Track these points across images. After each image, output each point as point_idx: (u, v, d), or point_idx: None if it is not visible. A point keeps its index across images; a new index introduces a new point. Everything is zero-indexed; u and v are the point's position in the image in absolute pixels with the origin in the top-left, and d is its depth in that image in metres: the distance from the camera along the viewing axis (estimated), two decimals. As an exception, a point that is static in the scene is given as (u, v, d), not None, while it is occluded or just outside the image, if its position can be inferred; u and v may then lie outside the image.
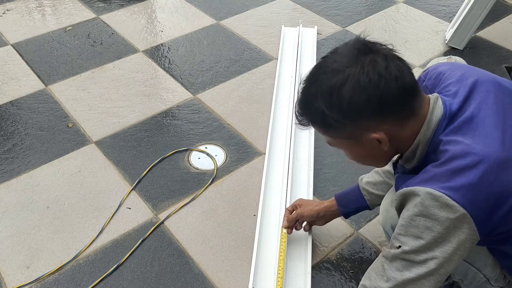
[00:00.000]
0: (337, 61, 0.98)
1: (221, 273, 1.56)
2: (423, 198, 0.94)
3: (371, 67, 0.95)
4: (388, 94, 0.95)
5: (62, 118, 2.16)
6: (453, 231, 0.94)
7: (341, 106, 0.97)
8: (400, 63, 0.98)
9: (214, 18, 2.87)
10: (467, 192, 0.92)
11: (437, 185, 0.93)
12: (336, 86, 0.96)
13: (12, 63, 2.50)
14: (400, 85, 0.96)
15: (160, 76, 2.42)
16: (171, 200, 1.80)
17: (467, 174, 0.92)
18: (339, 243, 1.66)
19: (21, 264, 1.58)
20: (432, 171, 0.97)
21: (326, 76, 0.98)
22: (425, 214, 0.94)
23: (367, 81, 0.94)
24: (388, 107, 0.97)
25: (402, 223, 0.98)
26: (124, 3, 3.00)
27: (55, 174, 1.89)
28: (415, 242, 0.96)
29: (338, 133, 1.04)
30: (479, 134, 0.96)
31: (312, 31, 2.67)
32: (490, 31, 2.80)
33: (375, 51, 0.97)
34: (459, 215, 0.92)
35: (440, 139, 1.00)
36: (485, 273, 1.19)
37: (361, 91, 0.95)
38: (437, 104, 1.02)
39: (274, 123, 2.08)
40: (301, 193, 1.78)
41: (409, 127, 1.01)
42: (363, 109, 0.96)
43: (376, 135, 0.99)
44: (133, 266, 1.58)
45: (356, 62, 0.96)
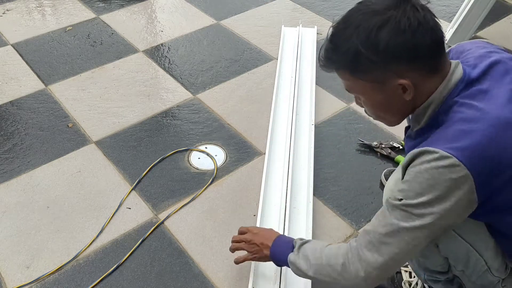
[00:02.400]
0: (378, 3, 1.01)
1: (221, 273, 1.56)
2: (430, 157, 0.97)
3: (412, 13, 0.98)
4: (423, 42, 0.98)
5: (62, 118, 2.16)
6: (453, 190, 0.97)
7: (377, 46, 0.99)
8: (435, 18, 1.01)
9: (214, 18, 2.87)
10: (473, 153, 0.95)
11: (444, 145, 0.97)
12: (376, 25, 0.98)
13: (12, 63, 2.50)
14: (434, 37, 0.99)
15: (160, 76, 2.42)
16: (171, 200, 1.80)
17: (475, 136, 0.96)
18: (339, 243, 1.66)
19: (21, 264, 1.58)
20: (443, 132, 1.00)
21: (365, 17, 1.00)
22: (429, 172, 0.97)
23: (407, 25, 0.97)
24: (421, 55, 1.00)
25: (407, 178, 1.01)
26: (124, 3, 3.00)
27: (55, 174, 1.90)
28: (416, 198, 0.99)
29: (366, 75, 1.05)
30: (492, 103, 1.00)
31: (312, 31, 2.67)
32: (490, 31, 2.80)
33: (414, 2, 1.00)
34: (462, 175, 0.95)
35: (455, 100, 1.03)
36: (486, 258, 1.18)
37: (399, 34, 0.97)
38: (458, 68, 1.05)
39: (274, 123, 2.07)
40: (301, 193, 1.78)
41: (432, 81, 1.04)
42: (398, 53, 0.99)
43: (404, 81, 1.01)
44: (133, 266, 1.58)
45: (397, 6, 0.99)
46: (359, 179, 1.89)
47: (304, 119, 2.09)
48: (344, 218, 1.74)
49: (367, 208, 1.78)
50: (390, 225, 1.03)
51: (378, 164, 1.95)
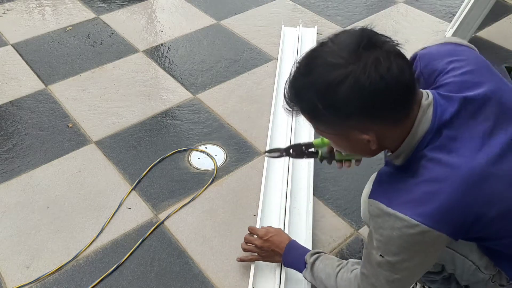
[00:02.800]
0: (337, 54, 0.92)
1: (221, 273, 1.56)
2: (399, 224, 0.96)
3: (374, 67, 0.89)
4: (385, 97, 0.92)
5: (62, 118, 2.16)
6: (429, 248, 1.00)
7: (334, 104, 0.93)
8: (402, 61, 0.93)
9: (214, 18, 2.87)
10: (441, 216, 0.94)
11: (412, 210, 0.95)
12: (334, 83, 0.91)
13: (12, 63, 2.50)
14: (399, 88, 0.92)
15: (160, 76, 2.42)
16: (171, 200, 1.80)
17: (442, 198, 0.94)
18: (339, 243, 1.66)
19: (21, 264, 1.58)
20: (411, 191, 0.97)
21: (324, 69, 0.92)
22: (402, 238, 0.97)
23: (367, 83, 0.89)
24: (383, 110, 0.94)
25: (381, 239, 1.01)
26: (124, 3, 3.00)
27: (55, 174, 1.89)
28: (394, 256, 1.01)
29: (327, 127, 1.02)
30: (462, 155, 0.96)
31: (312, 31, 2.67)
32: (490, 31, 2.80)
33: (378, 46, 0.92)
34: (434, 237, 0.96)
35: (424, 153, 0.99)
36: (472, 259, 1.19)
37: (358, 92, 0.90)
38: (426, 115, 0.99)
39: (274, 123, 2.07)
40: (301, 193, 1.78)
41: (399, 129, 1.00)
42: (357, 110, 0.93)
43: (366, 136, 0.97)
44: (133, 266, 1.58)
45: (358, 59, 0.90)
46: (359, 179, 1.89)
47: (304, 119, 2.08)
48: (344, 218, 1.74)
49: (367, 208, 1.78)
50: (384, 277, 1.06)
51: (378, 164, 1.94)
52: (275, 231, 1.49)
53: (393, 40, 0.96)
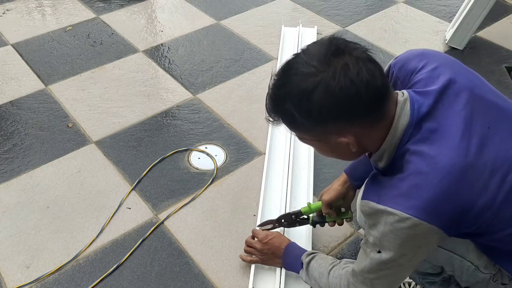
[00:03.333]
0: (309, 64, 0.96)
1: (221, 273, 1.56)
2: (391, 219, 0.98)
3: (343, 73, 0.93)
4: (358, 100, 0.94)
5: (62, 118, 2.16)
6: (422, 242, 1.01)
7: (310, 111, 0.96)
8: (372, 66, 0.96)
9: (214, 18, 2.87)
10: (431, 207, 0.95)
11: (402, 204, 0.96)
12: (307, 91, 0.94)
13: (12, 63, 2.50)
14: (370, 91, 0.94)
15: (160, 76, 2.42)
16: (171, 200, 1.80)
17: (430, 190, 0.95)
18: (339, 243, 1.66)
19: (21, 264, 1.58)
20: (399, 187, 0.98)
21: (297, 78, 0.96)
22: (394, 233, 0.99)
23: (338, 88, 0.92)
24: (357, 113, 0.96)
25: (377, 235, 1.03)
26: (124, 3, 3.00)
27: (55, 174, 1.90)
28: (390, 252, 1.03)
29: (307, 134, 1.05)
30: (444, 145, 0.97)
31: (312, 31, 2.67)
32: (490, 31, 2.80)
33: (347, 53, 0.95)
34: (426, 230, 0.97)
35: (407, 147, 1.00)
36: (470, 260, 1.19)
37: (331, 98, 0.93)
38: (404, 110, 1.01)
39: (274, 123, 2.07)
40: (301, 193, 1.78)
41: (378, 129, 1.02)
42: (332, 115, 0.96)
43: (344, 139, 1.00)
44: (133, 266, 1.58)
45: (328, 66, 0.94)
46: (359, 179, 1.89)
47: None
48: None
49: (367, 208, 1.78)
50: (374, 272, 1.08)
51: (378, 164, 1.95)
52: (275, 234, 1.51)
53: (362, 46, 0.99)
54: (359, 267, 1.12)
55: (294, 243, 1.47)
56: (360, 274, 1.12)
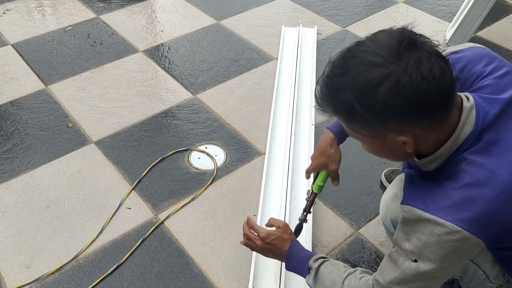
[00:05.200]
0: (377, 53, 0.88)
1: (221, 273, 1.56)
2: (439, 230, 0.93)
3: (415, 68, 0.86)
4: (426, 99, 0.88)
5: (62, 118, 2.16)
6: (465, 256, 0.98)
7: (373, 105, 0.89)
8: (443, 62, 0.90)
9: (214, 18, 2.87)
10: (482, 222, 0.92)
11: (453, 215, 0.92)
12: (373, 83, 0.87)
13: (12, 63, 2.50)
14: (440, 89, 0.88)
15: (160, 76, 2.42)
16: (171, 200, 1.80)
17: (483, 204, 0.92)
18: (339, 243, 1.66)
19: (21, 264, 1.58)
20: (451, 196, 0.94)
21: (363, 68, 0.89)
22: (440, 245, 0.94)
23: (408, 84, 0.86)
24: (423, 112, 0.90)
25: (417, 243, 0.97)
26: (124, 3, 3.00)
27: (55, 174, 1.89)
28: (429, 263, 0.97)
29: (362, 128, 0.97)
30: (502, 159, 0.94)
31: (312, 31, 2.67)
32: (490, 31, 2.80)
33: (419, 47, 0.89)
34: (473, 244, 0.94)
35: (464, 156, 0.96)
36: (484, 269, 1.19)
37: (399, 94, 0.87)
38: (470, 118, 0.96)
39: (274, 123, 2.07)
40: (301, 193, 1.78)
41: (438, 131, 0.96)
42: (397, 112, 0.89)
43: (403, 138, 0.93)
44: (133, 266, 1.58)
45: (399, 59, 0.87)
46: (359, 179, 1.89)
47: (304, 119, 2.09)
48: (344, 218, 1.74)
49: (367, 208, 1.78)
50: (406, 284, 1.02)
51: (378, 164, 1.95)
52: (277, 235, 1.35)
53: (432, 40, 0.93)
54: (385, 278, 1.05)
55: (297, 243, 1.35)
56: (387, 286, 1.05)
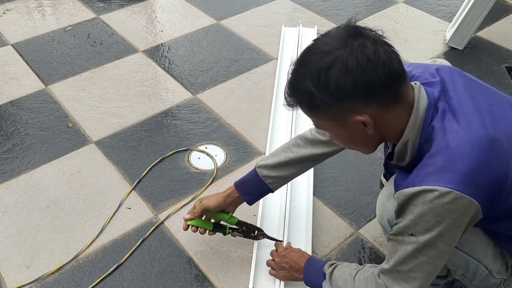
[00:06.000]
0: (327, 43, 1.00)
1: (221, 273, 1.56)
2: (430, 196, 0.96)
3: (360, 50, 0.96)
4: (374, 78, 0.97)
5: (62, 118, 2.16)
6: (460, 218, 0.98)
7: (328, 87, 0.98)
8: (389, 49, 1.00)
9: (214, 18, 2.87)
10: (470, 179, 0.96)
11: (440, 180, 0.96)
12: (325, 67, 0.97)
13: (12, 63, 2.50)
14: (387, 70, 0.97)
15: (160, 76, 2.42)
16: (171, 200, 1.80)
17: (466, 161, 0.96)
18: (339, 243, 1.66)
19: (21, 264, 1.58)
20: (431, 164, 0.99)
21: (316, 58, 1.00)
22: (434, 211, 0.97)
23: (354, 64, 0.96)
24: (374, 91, 0.98)
25: (410, 216, 1.00)
26: (124, 3, 3.00)
27: (55, 174, 1.90)
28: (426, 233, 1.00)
29: (324, 114, 1.05)
30: (462, 121, 1.00)
31: (312, 31, 2.67)
32: (490, 31, 2.80)
33: (365, 36, 0.99)
34: (467, 204, 0.96)
35: (432, 126, 1.02)
36: (486, 264, 1.20)
37: (348, 74, 0.96)
38: (422, 93, 1.05)
39: (274, 123, 2.08)
40: (301, 193, 1.78)
41: (395, 112, 1.03)
42: (349, 92, 0.98)
43: (361, 118, 1.01)
44: (133, 266, 1.58)
45: (345, 45, 0.97)
46: (359, 179, 1.89)
47: (304, 119, 2.09)
48: (344, 218, 1.74)
49: (367, 208, 1.78)
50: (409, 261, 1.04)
51: (378, 164, 1.95)
52: (294, 249, 1.47)
53: (377, 31, 1.03)
54: (390, 263, 1.08)
55: (315, 257, 1.42)
56: (393, 269, 1.08)
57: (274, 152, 1.48)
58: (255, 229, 1.55)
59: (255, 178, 1.47)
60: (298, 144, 1.45)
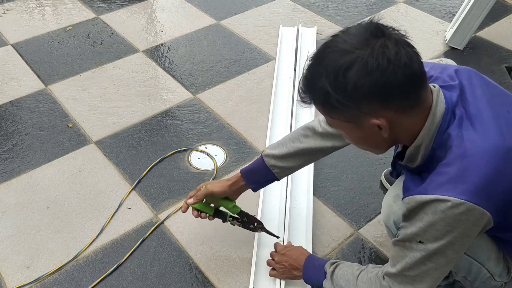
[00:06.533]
0: (347, 41, 0.96)
1: (221, 273, 1.56)
2: (443, 206, 0.95)
3: (381, 51, 0.93)
4: (394, 81, 0.93)
5: (62, 118, 2.16)
6: (472, 228, 0.98)
7: (345, 88, 0.95)
8: (411, 50, 0.96)
9: (214, 18, 2.87)
10: (484, 190, 0.94)
11: (454, 190, 0.94)
12: (343, 67, 0.94)
13: (12, 63, 2.50)
14: (408, 73, 0.94)
15: (160, 76, 2.42)
16: (171, 200, 1.80)
17: (481, 171, 0.94)
18: (339, 243, 1.66)
19: (21, 264, 1.58)
20: (446, 172, 0.97)
21: (334, 56, 0.96)
22: (446, 221, 0.96)
23: (375, 66, 0.92)
24: (393, 94, 0.95)
25: (421, 225, 0.99)
26: (124, 3, 3.00)
27: (55, 174, 1.89)
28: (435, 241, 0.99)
29: (339, 114, 1.02)
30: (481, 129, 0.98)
31: (312, 31, 2.67)
32: (490, 31, 2.80)
33: (387, 35, 0.95)
34: (479, 215, 0.95)
35: (448, 133, 1.00)
36: (488, 267, 1.20)
37: (367, 75, 0.93)
38: (440, 98, 1.02)
39: (273, 123, 2.07)
40: (301, 193, 1.78)
41: (412, 116, 1.00)
42: (367, 93, 0.95)
43: (377, 121, 0.98)
44: (133, 266, 1.58)
45: (366, 45, 0.94)
46: (359, 179, 1.89)
47: (304, 119, 2.09)
48: (344, 218, 1.74)
49: (367, 208, 1.78)
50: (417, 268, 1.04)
51: (378, 164, 1.95)
52: (293, 247, 1.46)
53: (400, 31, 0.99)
54: (397, 267, 1.07)
55: (314, 255, 1.42)
56: (399, 274, 1.07)
57: (281, 141, 1.45)
58: (255, 221, 1.55)
59: (262, 167, 1.44)
60: (306, 135, 1.41)
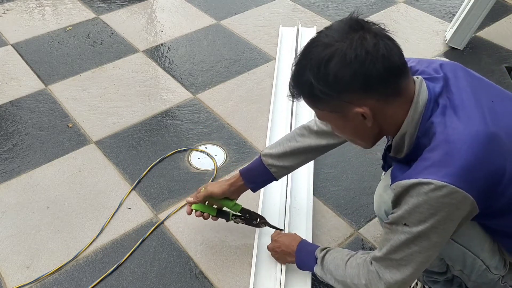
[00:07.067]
0: (328, 36, 1.01)
1: (221, 273, 1.56)
2: (426, 188, 0.97)
3: (359, 43, 0.97)
4: (372, 71, 0.98)
5: (62, 118, 2.16)
6: (455, 212, 0.99)
7: (327, 79, 1.00)
8: (390, 42, 1.00)
9: (214, 18, 2.87)
10: (466, 173, 0.96)
11: (436, 173, 0.97)
12: (325, 59, 0.99)
13: (12, 63, 2.50)
14: (386, 64, 0.98)
15: (160, 76, 2.42)
16: (171, 200, 1.80)
17: (463, 156, 0.97)
18: (339, 243, 1.66)
19: (21, 264, 1.58)
20: (429, 158, 1.00)
21: (317, 50, 1.01)
22: (428, 203, 0.98)
23: (353, 57, 0.97)
24: (372, 84, 0.99)
25: (406, 207, 1.02)
26: (124, 3, 3.00)
27: (55, 174, 1.90)
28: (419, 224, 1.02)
29: (324, 105, 1.07)
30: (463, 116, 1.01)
31: (312, 31, 2.67)
32: (490, 31, 2.80)
33: (366, 29, 1.00)
34: (461, 198, 0.97)
35: (431, 121, 1.03)
36: (483, 258, 1.20)
37: (346, 66, 0.98)
38: (422, 88, 1.05)
39: (273, 123, 2.07)
40: (301, 193, 1.78)
41: (395, 105, 1.04)
42: (348, 84, 0.99)
43: (360, 110, 1.02)
44: (133, 266, 1.58)
45: (346, 38, 0.99)
46: (359, 179, 1.89)
47: (304, 119, 2.09)
48: (344, 218, 1.75)
49: (367, 208, 1.78)
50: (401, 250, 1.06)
51: (378, 164, 1.95)
52: (285, 233, 1.51)
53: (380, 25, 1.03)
54: (382, 251, 1.10)
55: (306, 240, 1.45)
56: (385, 257, 1.10)
57: (279, 141, 1.49)
58: (258, 217, 1.57)
59: (260, 167, 1.48)
60: (302, 134, 1.46)
